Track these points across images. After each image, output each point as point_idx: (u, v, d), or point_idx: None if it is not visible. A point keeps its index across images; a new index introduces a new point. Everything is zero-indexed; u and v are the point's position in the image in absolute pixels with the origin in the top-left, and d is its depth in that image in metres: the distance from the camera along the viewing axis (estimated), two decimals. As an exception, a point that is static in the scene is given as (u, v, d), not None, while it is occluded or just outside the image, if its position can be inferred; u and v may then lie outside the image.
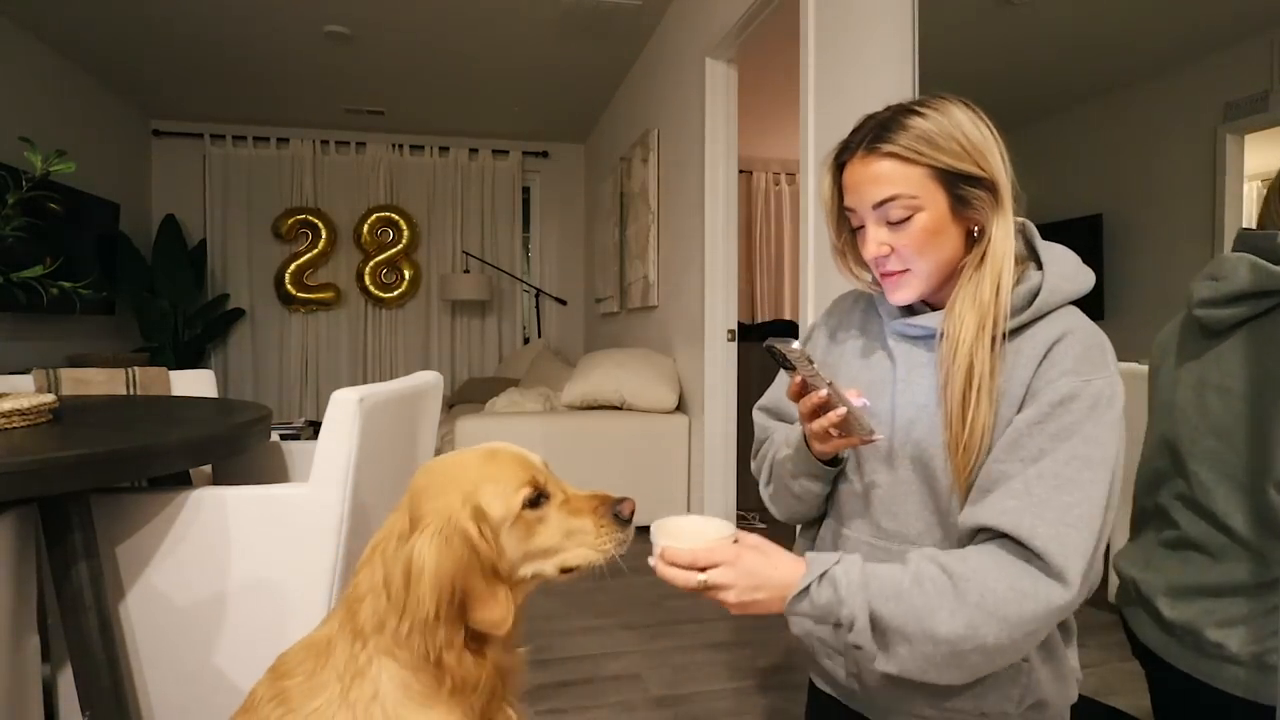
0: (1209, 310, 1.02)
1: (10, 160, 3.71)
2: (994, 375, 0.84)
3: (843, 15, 2.22)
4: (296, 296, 5.76)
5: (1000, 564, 0.77)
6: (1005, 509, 0.78)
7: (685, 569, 0.79)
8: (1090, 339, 0.84)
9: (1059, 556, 0.75)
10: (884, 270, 0.91)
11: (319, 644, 0.78)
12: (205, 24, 3.99)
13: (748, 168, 6.04)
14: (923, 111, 0.87)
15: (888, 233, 0.88)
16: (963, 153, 0.85)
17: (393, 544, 0.76)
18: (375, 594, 0.75)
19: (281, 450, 1.91)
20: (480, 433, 3.32)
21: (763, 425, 1.14)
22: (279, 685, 0.77)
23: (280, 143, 5.75)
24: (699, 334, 3.37)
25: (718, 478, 3.34)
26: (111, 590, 1.22)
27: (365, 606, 0.75)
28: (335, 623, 0.79)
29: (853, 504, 0.99)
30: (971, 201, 0.86)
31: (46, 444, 1.09)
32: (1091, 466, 0.78)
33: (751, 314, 6.15)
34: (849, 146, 0.90)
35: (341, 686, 0.74)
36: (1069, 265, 0.89)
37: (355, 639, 0.75)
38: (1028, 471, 0.79)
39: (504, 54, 4.43)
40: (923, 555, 0.80)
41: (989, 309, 0.84)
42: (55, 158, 1.28)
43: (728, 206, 3.31)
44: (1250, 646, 0.93)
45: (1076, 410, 0.80)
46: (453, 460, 0.81)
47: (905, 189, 0.85)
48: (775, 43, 3.26)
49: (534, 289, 6.23)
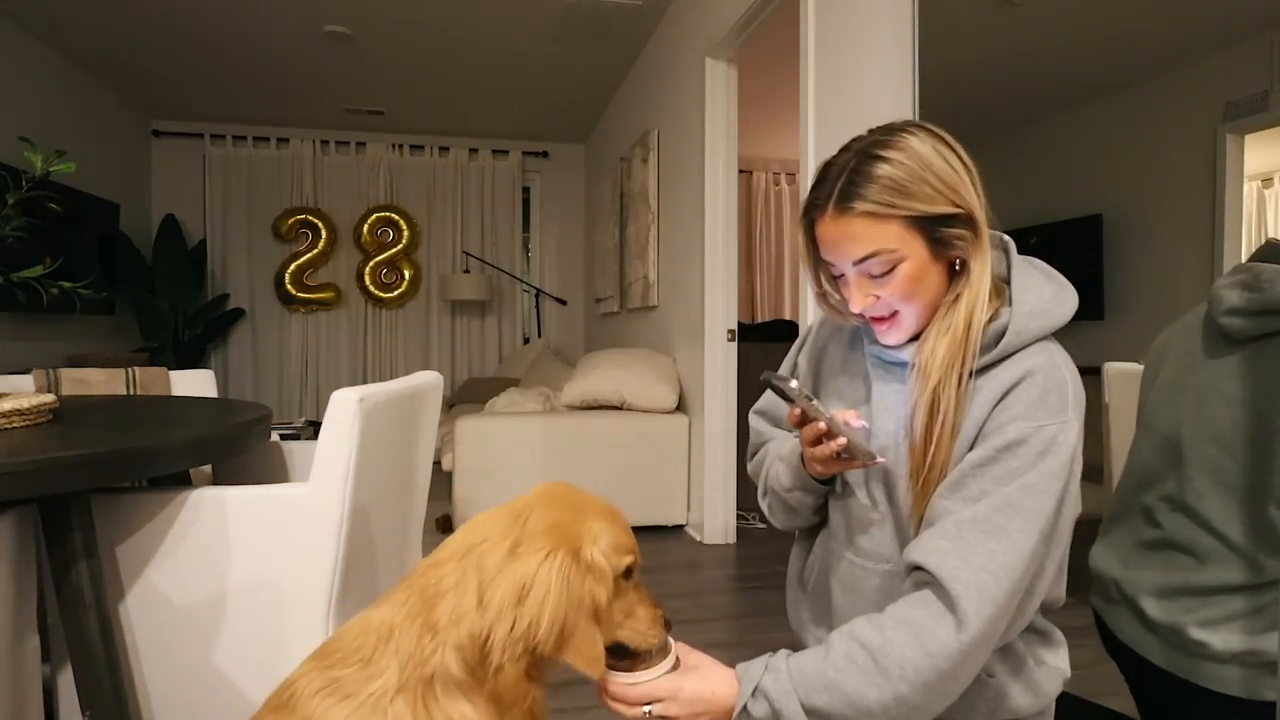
0: (1235, 319, 1.00)
1: (10, 160, 3.71)
2: (958, 411, 0.85)
3: (843, 15, 2.22)
4: (296, 296, 5.76)
5: (918, 620, 0.78)
6: (936, 548, 0.80)
7: (631, 704, 0.82)
8: (1050, 382, 0.83)
9: (969, 601, 0.77)
10: (872, 316, 0.90)
11: (379, 628, 0.78)
12: (205, 24, 3.99)
13: (748, 168, 6.04)
14: (887, 156, 0.83)
15: (871, 284, 0.87)
16: (936, 194, 0.82)
17: (495, 554, 0.76)
18: (461, 594, 0.75)
19: (281, 450, 1.91)
20: (480, 433, 3.32)
21: (758, 430, 1.15)
22: (330, 675, 0.76)
23: (280, 143, 5.76)
24: (699, 334, 3.37)
25: (717, 478, 3.34)
26: (111, 590, 1.22)
27: (446, 603, 0.75)
28: (401, 610, 0.78)
29: (837, 520, 1.01)
30: (951, 241, 0.85)
31: (46, 444, 1.09)
32: (1023, 515, 0.79)
33: (751, 314, 6.15)
34: (816, 203, 0.87)
35: (402, 673, 0.74)
36: (1042, 298, 0.88)
37: (426, 631, 0.75)
38: (963, 512, 0.80)
39: (504, 54, 4.43)
40: (842, 634, 0.81)
41: (959, 346, 0.84)
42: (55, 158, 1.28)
43: (728, 206, 3.31)
44: (1231, 645, 0.97)
45: (1023, 455, 0.80)
46: (579, 497, 0.82)
47: (883, 244, 0.83)
48: (775, 43, 3.26)
49: (534, 289, 6.23)
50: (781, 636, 2.26)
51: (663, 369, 3.61)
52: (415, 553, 1.82)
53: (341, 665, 0.76)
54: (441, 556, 0.79)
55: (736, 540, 3.35)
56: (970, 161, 0.86)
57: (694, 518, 3.50)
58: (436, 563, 0.79)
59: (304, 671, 0.78)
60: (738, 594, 2.72)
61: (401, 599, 0.79)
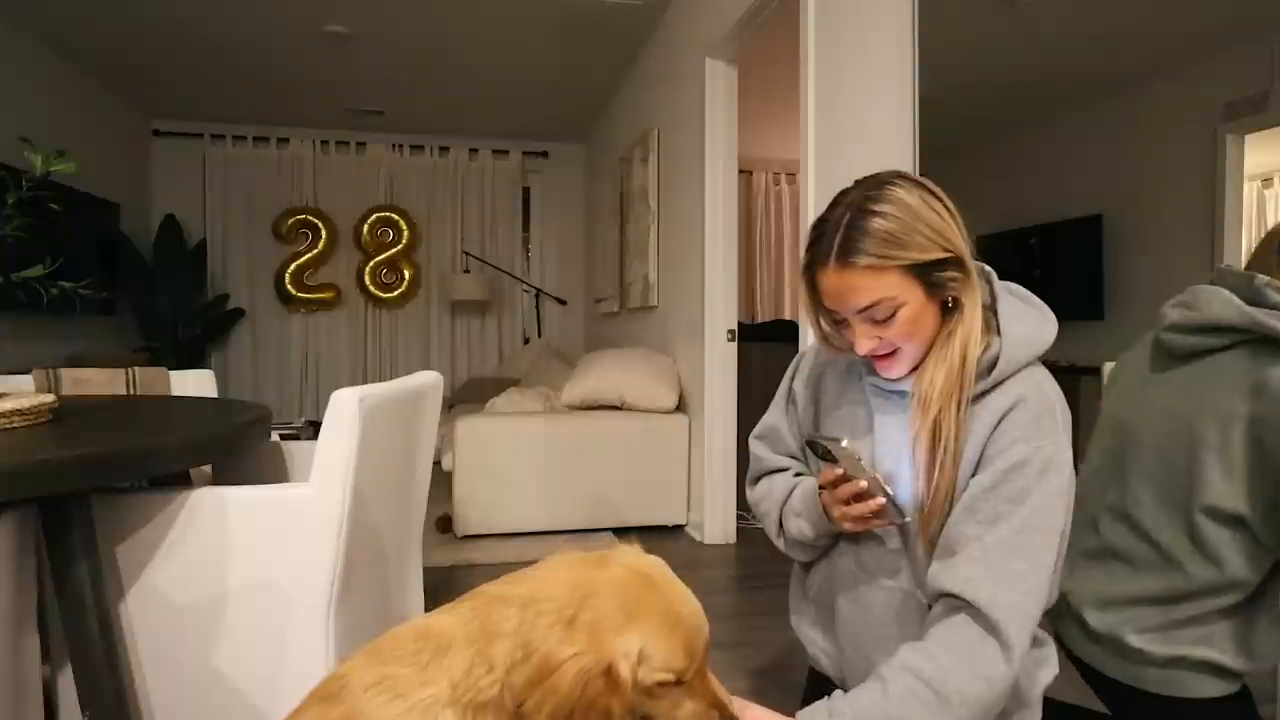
0: (1175, 335, 1.07)
1: (10, 160, 3.71)
2: (959, 438, 0.91)
3: (843, 15, 2.22)
4: (296, 296, 5.76)
5: (964, 645, 0.84)
6: (969, 576, 0.85)
7: None
8: (1040, 405, 0.90)
9: (1011, 625, 0.83)
10: (875, 355, 0.96)
11: (438, 637, 0.79)
12: (205, 24, 3.99)
13: (748, 168, 6.04)
14: (880, 210, 0.88)
15: (875, 328, 0.92)
16: (928, 242, 0.88)
17: (547, 620, 0.77)
18: (515, 644, 0.77)
19: (281, 450, 1.91)
20: (480, 433, 3.32)
21: (759, 456, 1.18)
22: (383, 671, 0.77)
23: (280, 143, 5.75)
24: (699, 334, 3.37)
25: (717, 478, 3.34)
26: (111, 590, 1.22)
27: (502, 646, 0.76)
28: (461, 629, 0.79)
29: (845, 539, 1.04)
30: (944, 283, 0.91)
31: (46, 444, 1.09)
32: (1041, 533, 0.86)
33: (751, 314, 6.15)
34: (817, 258, 0.93)
35: (454, 690, 0.75)
36: (1027, 325, 0.94)
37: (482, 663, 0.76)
38: (985, 537, 0.86)
39: (504, 54, 4.43)
40: (894, 668, 0.85)
41: (956, 376, 0.91)
42: (55, 158, 1.28)
43: (727, 206, 3.31)
44: (1169, 650, 1.02)
45: (1028, 474, 0.87)
46: (646, 594, 0.81)
47: (884, 293, 0.89)
48: (775, 43, 3.26)
49: (534, 289, 6.23)
50: (781, 636, 2.26)
51: (663, 369, 3.61)
52: (415, 553, 1.82)
53: (397, 664, 0.77)
54: (509, 596, 0.81)
55: (736, 540, 3.35)
56: (952, 205, 0.92)
57: (694, 518, 3.50)
58: (504, 599, 0.80)
59: (356, 665, 0.78)
60: (738, 594, 2.72)
61: (465, 617, 0.80)
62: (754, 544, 3.30)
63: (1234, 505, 0.96)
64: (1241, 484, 0.96)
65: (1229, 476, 0.96)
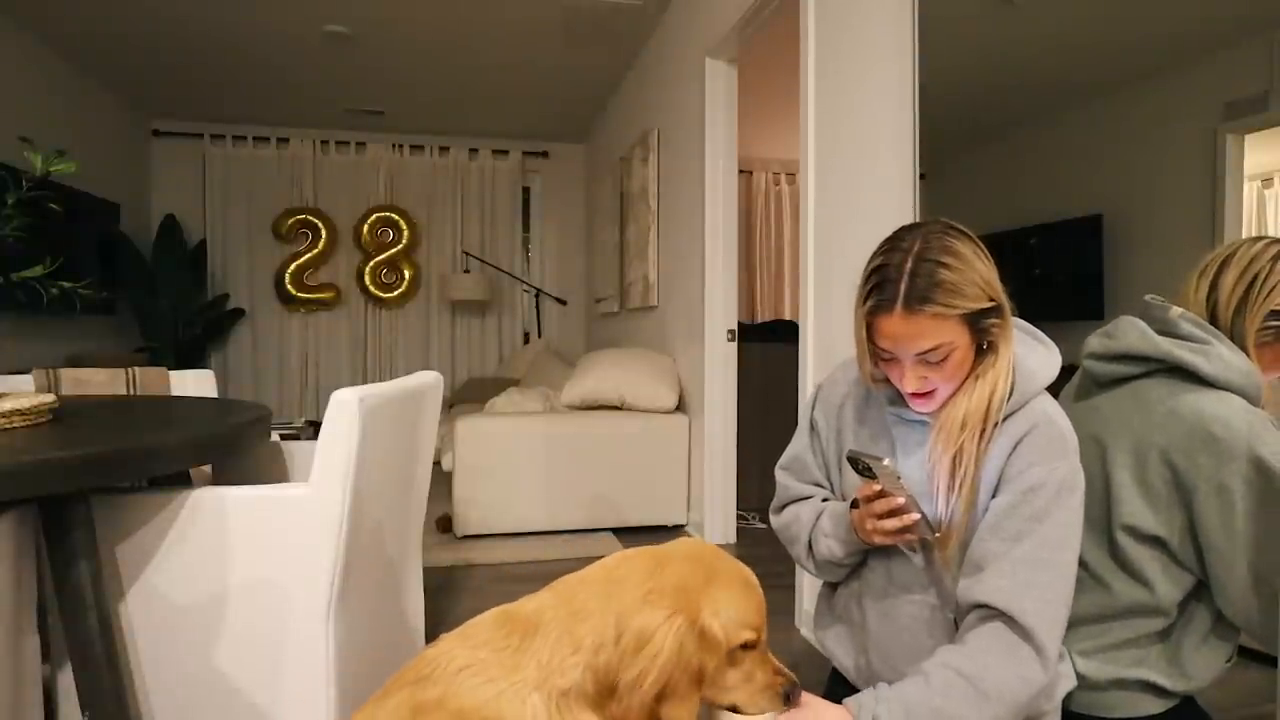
0: (1095, 363, 1.13)
1: (10, 160, 3.71)
2: (978, 467, 0.98)
3: (843, 15, 2.22)
4: (296, 296, 5.76)
5: (1000, 648, 0.91)
6: (999, 588, 0.92)
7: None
8: (1053, 430, 0.97)
9: (1043, 631, 0.90)
10: (916, 392, 1.01)
11: (525, 622, 0.81)
12: (205, 24, 3.99)
13: (748, 168, 6.03)
14: (946, 262, 0.94)
15: (925, 369, 0.98)
16: (980, 293, 0.95)
17: (632, 594, 0.80)
18: (604, 623, 0.79)
19: (281, 450, 1.91)
20: (480, 433, 3.32)
21: (785, 485, 1.23)
22: (475, 655, 0.79)
23: (280, 143, 5.75)
24: (699, 334, 3.37)
25: (717, 478, 3.34)
26: (111, 590, 1.22)
27: (589, 625, 0.79)
28: (546, 614, 0.81)
29: (875, 556, 1.10)
30: (989, 329, 0.97)
31: (46, 444, 1.09)
32: (1063, 547, 0.94)
33: (751, 314, 6.14)
34: (883, 303, 0.96)
35: (540, 673, 0.78)
36: (1035, 356, 1.01)
37: (569, 644, 0.79)
38: (1012, 553, 0.93)
39: (504, 54, 4.43)
40: (936, 665, 0.92)
41: (982, 411, 0.97)
42: (55, 158, 1.28)
43: (727, 206, 3.31)
44: (1106, 673, 1.05)
45: (1045, 494, 0.94)
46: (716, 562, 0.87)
47: (944, 338, 0.95)
48: (775, 43, 3.26)
49: (534, 289, 6.23)
50: (781, 636, 2.26)
51: (662, 369, 3.61)
52: (415, 553, 1.82)
53: (487, 648, 0.79)
54: (589, 577, 0.85)
55: (737, 540, 3.35)
56: (985, 251, 0.99)
57: (694, 518, 3.50)
58: (585, 580, 0.84)
59: (446, 648, 0.81)
60: (738, 594, 2.72)
61: (549, 603, 0.83)
62: (754, 544, 3.30)
63: (1152, 527, 1.01)
64: (1158, 506, 1.01)
65: (1146, 499, 1.02)
